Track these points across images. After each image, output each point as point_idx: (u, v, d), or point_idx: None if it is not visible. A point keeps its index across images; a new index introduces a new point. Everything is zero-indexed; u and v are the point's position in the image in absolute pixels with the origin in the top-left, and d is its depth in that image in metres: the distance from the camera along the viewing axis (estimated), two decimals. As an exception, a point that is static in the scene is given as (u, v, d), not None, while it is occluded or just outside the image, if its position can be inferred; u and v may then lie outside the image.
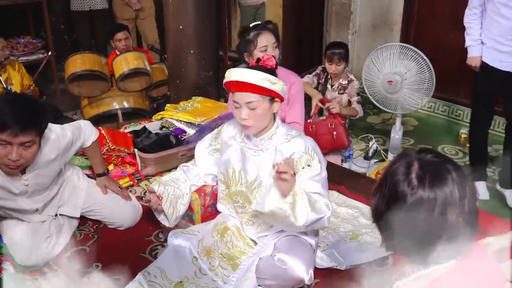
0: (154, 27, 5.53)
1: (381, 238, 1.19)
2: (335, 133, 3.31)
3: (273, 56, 2.58)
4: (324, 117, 3.46)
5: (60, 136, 2.24)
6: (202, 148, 2.33)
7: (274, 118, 2.09)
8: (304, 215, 1.81)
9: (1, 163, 1.99)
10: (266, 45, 2.62)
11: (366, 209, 2.64)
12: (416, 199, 1.08)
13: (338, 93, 3.74)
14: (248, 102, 1.96)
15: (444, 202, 1.07)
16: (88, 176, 2.74)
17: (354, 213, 2.64)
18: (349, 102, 3.75)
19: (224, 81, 2.03)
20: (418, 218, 1.08)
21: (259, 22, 2.75)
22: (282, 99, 2.05)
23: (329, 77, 3.75)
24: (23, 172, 2.14)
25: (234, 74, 1.97)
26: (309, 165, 1.97)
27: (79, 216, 2.52)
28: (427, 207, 1.07)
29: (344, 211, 2.69)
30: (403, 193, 1.09)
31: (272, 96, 1.99)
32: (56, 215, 2.46)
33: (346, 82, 3.71)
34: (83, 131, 2.42)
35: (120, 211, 2.55)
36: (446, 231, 1.08)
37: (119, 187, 2.65)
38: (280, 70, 2.78)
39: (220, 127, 2.31)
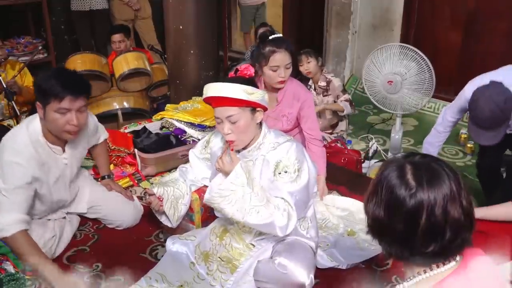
0: (152, 28, 5.53)
1: (381, 247, 1.17)
2: (345, 167, 3.29)
3: (282, 77, 2.58)
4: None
5: (89, 115, 2.40)
6: (195, 155, 2.32)
7: (261, 127, 2.03)
8: (243, 208, 1.85)
9: (63, 131, 2.15)
10: (278, 65, 2.58)
11: (356, 206, 2.68)
12: (416, 201, 1.07)
13: (323, 96, 3.76)
14: (228, 116, 1.90)
15: (444, 199, 1.06)
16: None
17: (347, 213, 2.64)
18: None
19: (203, 97, 1.98)
20: (420, 219, 1.07)
21: (279, 35, 2.66)
22: (264, 108, 1.99)
23: (310, 83, 3.77)
24: (63, 149, 2.29)
25: (210, 90, 1.92)
26: (286, 172, 1.93)
27: (86, 211, 2.54)
28: (428, 207, 1.06)
29: (340, 210, 2.69)
30: (401, 197, 1.08)
31: (252, 106, 1.93)
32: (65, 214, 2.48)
33: (324, 83, 3.72)
34: (100, 125, 2.65)
35: (121, 209, 2.56)
36: (450, 227, 1.07)
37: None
38: (292, 84, 2.77)
39: (209, 135, 2.28)
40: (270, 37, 2.64)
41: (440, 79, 3.34)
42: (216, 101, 1.92)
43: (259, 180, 2.01)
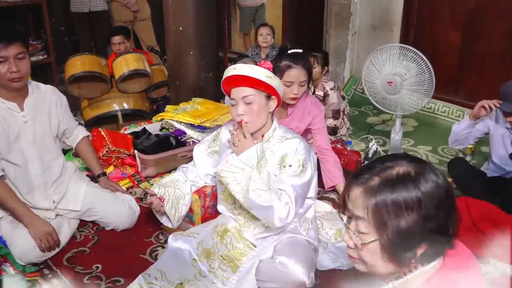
0: (151, 29, 5.53)
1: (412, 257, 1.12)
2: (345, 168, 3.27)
3: (294, 94, 2.60)
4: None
5: (57, 90, 2.56)
6: (201, 150, 2.33)
7: (272, 121, 2.09)
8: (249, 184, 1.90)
9: (7, 80, 2.24)
10: (292, 81, 2.58)
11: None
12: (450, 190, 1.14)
13: None
14: (244, 97, 1.97)
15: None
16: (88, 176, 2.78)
17: (322, 214, 2.62)
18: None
19: (223, 79, 2.04)
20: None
21: (299, 51, 2.62)
22: (279, 98, 2.04)
23: (310, 86, 3.73)
24: (21, 108, 2.35)
25: (231, 70, 2.00)
26: (290, 166, 1.99)
27: (80, 209, 2.54)
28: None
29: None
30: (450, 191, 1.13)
31: (269, 92, 2.00)
32: (56, 215, 2.48)
33: (321, 93, 3.65)
34: (80, 125, 2.74)
35: (116, 211, 2.57)
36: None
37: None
38: (305, 100, 2.77)
39: (219, 129, 2.32)
40: (289, 51, 2.62)
41: (440, 80, 3.34)
42: (234, 81, 1.99)
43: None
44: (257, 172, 1.92)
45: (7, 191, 2.32)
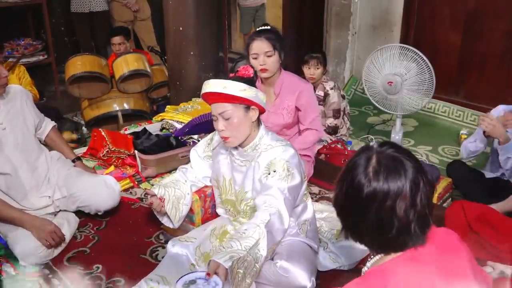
0: (152, 29, 5.53)
1: (342, 227, 1.25)
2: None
3: (261, 65, 2.61)
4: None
5: (22, 88, 2.58)
6: (197, 154, 2.33)
7: (259, 128, 2.05)
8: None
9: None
10: (256, 53, 2.64)
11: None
12: (370, 191, 1.13)
13: (318, 104, 3.68)
14: (221, 113, 1.94)
15: (395, 196, 1.12)
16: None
17: (325, 215, 2.61)
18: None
19: (201, 94, 2.02)
20: (371, 208, 1.13)
21: (265, 28, 2.71)
22: (259, 107, 2.00)
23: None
24: None
25: (206, 86, 1.97)
26: (275, 171, 1.94)
27: (66, 194, 2.53)
28: (380, 199, 1.12)
29: (317, 212, 2.66)
30: (360, 185, 1.14)
31: (246, 104, 1.96)
32: (55, 213, 2.48)
33: (322, 93, 3.64)
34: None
35: (95, 192, 2.55)
36: (398, 223, 1.12)
37: None
38: (288, 76, 2.78)
39: (213, 133, 2.31)
40: (258, 29, 2.72)
41: (440, 80, 3.34)
42: (211, 98, 1.97)
43: (251, 183, 2.02)
44: (237, 254, 1.71)
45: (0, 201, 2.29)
